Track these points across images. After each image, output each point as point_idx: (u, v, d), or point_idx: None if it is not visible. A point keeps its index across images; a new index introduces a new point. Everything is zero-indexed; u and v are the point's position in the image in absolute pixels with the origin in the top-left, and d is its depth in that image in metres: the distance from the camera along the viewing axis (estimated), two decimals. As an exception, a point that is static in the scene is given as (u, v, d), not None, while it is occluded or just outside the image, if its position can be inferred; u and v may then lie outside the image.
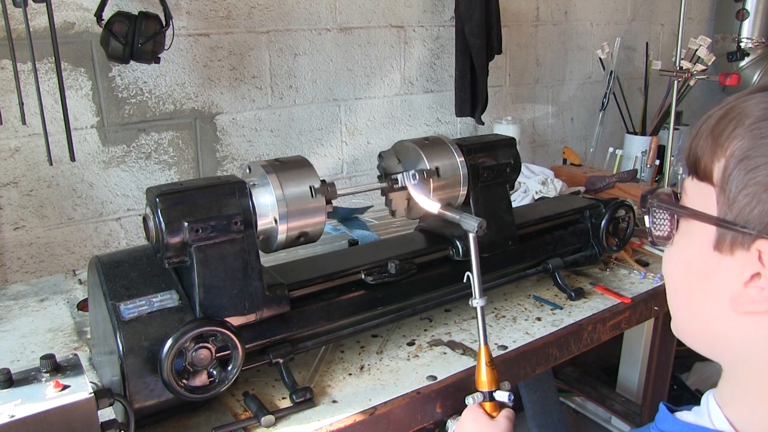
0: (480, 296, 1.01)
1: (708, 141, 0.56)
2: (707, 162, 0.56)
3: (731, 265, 0.55)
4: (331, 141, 1.98)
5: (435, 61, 2.15)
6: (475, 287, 1.01)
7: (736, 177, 0.53)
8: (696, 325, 0.61)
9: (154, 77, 1.63)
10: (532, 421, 2.04)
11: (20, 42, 1.31)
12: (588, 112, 2.73)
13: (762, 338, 0.55)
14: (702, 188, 0.57)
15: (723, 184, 0.54)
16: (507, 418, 0.96)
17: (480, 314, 1.01)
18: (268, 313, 1.04)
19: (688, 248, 0.60)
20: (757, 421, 0.57)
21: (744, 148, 0.53)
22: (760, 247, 0.52)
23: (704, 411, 0.61)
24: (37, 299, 1.43)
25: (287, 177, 1.06)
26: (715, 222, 0.55)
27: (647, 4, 2.83)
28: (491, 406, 0.98)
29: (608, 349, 1.71)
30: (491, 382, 0.98)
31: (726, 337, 0.58)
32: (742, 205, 0.53)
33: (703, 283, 0.58)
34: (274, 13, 1.78)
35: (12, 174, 1.50)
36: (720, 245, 0.55)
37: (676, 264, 0.63)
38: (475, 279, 1.01)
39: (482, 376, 0.98)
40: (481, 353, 0.99)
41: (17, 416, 0.77)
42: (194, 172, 1.75)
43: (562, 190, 1.91)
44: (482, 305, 1.01)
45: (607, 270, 1.58)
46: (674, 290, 0.64)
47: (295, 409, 1.03)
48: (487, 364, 0.99)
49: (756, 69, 2.97)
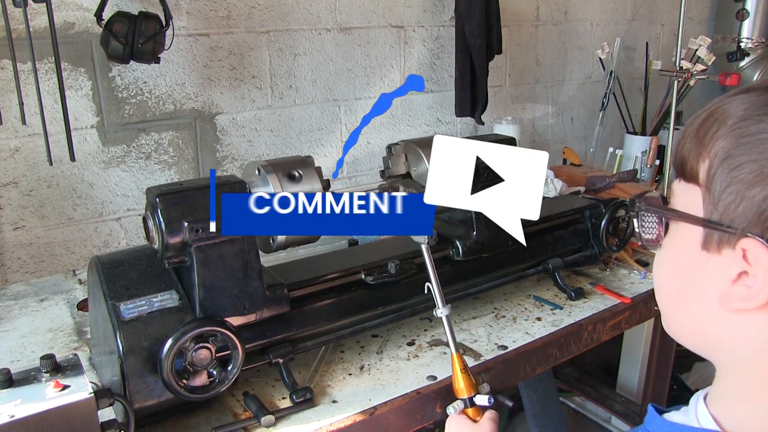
0: (443, 305, 1.00)
1: (693, 143, 0.57)
2: (693, 163, 0.56)
3: (719, 264, 0.55)
4: (331, 141, 1.98)
5: (435, 61, 2.15)
6: (437, 297, 1.00)
7: (719, 176, 0.53)
8: (687, 324, 0.62)
9: (154, 77, 1.63)
10: (532, 421, 2.04)
11: (20, 42, 1.31)
12: (588, 112, 2.73)
13: (750, 335, 0.55)
14: (689, 189, 0.58)
15: (708, 184, 0.55)
16: (490, 420, 0.96)
17: (446, 323, 1.00)
18: (268, 313, 1.04)
19: (676, 249, 0.60)
20: (741, 417, 0.58)
21: (727, 147, 0.53)
22: (744, 246, 0.52)
23: (692, 410, 0.62)
24: (37, 299, 1.43)
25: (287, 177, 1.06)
26: (701, 223, 0.56)
27: (647, 4, 2.83)
28: (473, 411, 0.98)
29: (608, 349, 1.70)
30: (469, 388, 0.98)
31: (716, 336, 0.58)
32: (726, 204, 0.53)
33: (692, 283, 0.59)
34: (274, 13, 1.78)
35: (12, 174, 1.50)
36: (707, 245, 0.56)
37: (666, 265, 0.63)
38: (435, 289, 1.00)
39: (459, 383, 0.98)
40: (454, 361, 0.99)
41: (17, 416, 0.77)
42: (194, 172, 1.75)
43: (562, 190, 1.91)
44: (447, 314, 1.00)
45: (607, 270, 1.58)
46: (664, 292, 0.64)
47: (295, 409, 1.03)
48: (462, 371, 0.98)
49: (756, 69, 2.97)
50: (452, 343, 1.00)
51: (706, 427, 0.59)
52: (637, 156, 2.33)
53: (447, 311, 1.00)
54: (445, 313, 1.00)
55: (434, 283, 1.00)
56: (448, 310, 1.00)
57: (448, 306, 1.01)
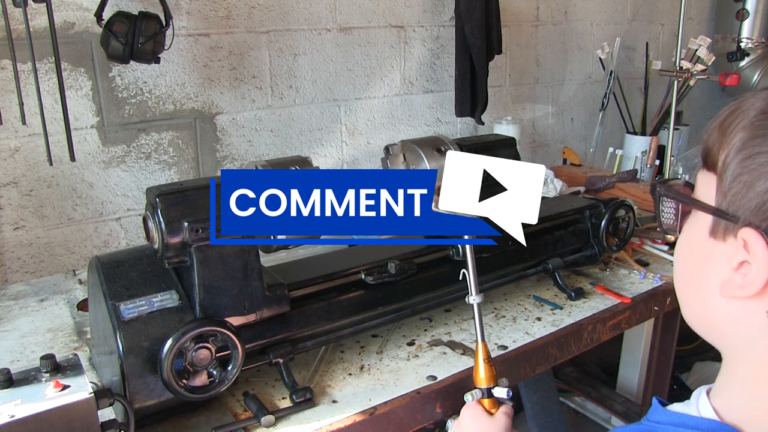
0: (476, 293, 1.01)
1: (717, 133, 0.58)
2: (714, 153, 0.58)
3: (723, 252, 0.57)
4: (331, 141, 1.98)
5: (435, 61, 2.15)
6: (471, 284, 1.01)
7: (732, 165, 0.55)
8: (697, 311, 0.64)
9: (154, 77, 1.63)
10: (532, 421, 2.04)
11: (20, 42, 1.31)
12: (588, 112, 2.73)
13: (749, 324, 0.57)
14: (708, 178, 0.59)
15: (722, 173, 0.56)
16: (506, 414, 0.96)
17: (477, 311, 1.01)
18: (268, 313, 1.04)
19: (690, 236, 0.63)
20: (741, 407, 0.59)
21: (744, 138, 0.55)
22: (744, 236, 0.54)
23: (693, 402, 0.63)
24: (37, 299, 1.43)
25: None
26: (711, 210, 0.58)
27: (647, 4, 2.83)
28: (490, 402, 0.98)
29: (608, 349, 1.71)
30: (489, 379, 0.98)
31: (719, 323, 0.60)
32: (734, 193, 0.55)
33: (700, 269, 0.61)
34: (274, 13, 1.78)
35: (12, 174, 1.50)
36: (715, 232, 0.58)
37: (681, 251, 0.66)
38: (471, 276, 1.01)
39: (480, 372, 0.98)
40: (479, 350, 0.99)
41: (17, 416, 0.77)
42: (194, 172, 1.75)
43: (562, 190, 1.91)
44: (479, 302, 1.01)
45: (607, 270, 1.58)
46: (678, 277, 0.67)
47: (295, 409, 1.03)
48: (485, 361, 0.99)
49: (756, 69, 2.97)
50: (479, 331, 1.00)
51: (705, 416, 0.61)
52: (637, 156, 2.33)
53: (479, 299, 1.01)
54: (477, 301, 1.01)
55: (471, 269, 1.01)
56: (481, 298, 1.01)
57: (481, 294, 1.01)
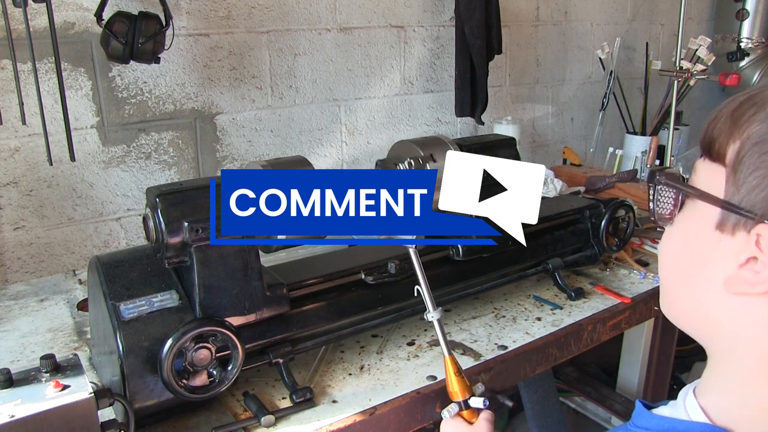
0: (433, 309, 1.00)
1: (727, 123, 0.56)
2: (722, 143, 0.56)
3: (730, 246, 0.55)
4: (331, 141, 1.98)
5: (435, 61, 2.15)
6: (427, 301, 1.00)
7: (749, 159, 0.53)
8: (688, 305, 0.62)
9: (154, 77, 1.63)
10: (532, 421, 2.04)
11: (20, 42, 1.31)
12: (588, 112, 2.73)
13: (750, 320, 0.55)
14: (712, 169, 0.57)
15: (735, 165, 0.54)
16: (486, 420, 0.96)
17: (438, 326, 1.00)
18: (268, 313, 1.04)
19: (689, 227, 0.60)
20: (732, 407, 0.57)
21: (762, 132, 0.53)
22: (759, 231, 0.52)
23: (680, 404, 0.61)
24: (37, 299, 1.43)
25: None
26: (720, 203, 0.55)
27: (647, 4, 2.83)
28: (469, 413, 0.98)
29: (608, 349, 1.70)
30: (464, 391, 0.98)
31: (715, 318, 0.58)
32: (750, 187, 0.53)
33: (699, 262, 0.59)
34: (274, 13, 1.78)
35: (12, 174, 1.50)
36: (722, 226, 0.55)
37: (674, 242, 0.63)
38: (425, 292, 1.00)
39: (453, 386, 0.98)
40: (447, 364, 0.99)
41: (17, 416, 0.77)
42: (194, 172, 1.75)
43: (562, 190, 1.91)
44: (438, 318, 1.00)
45: (607, 270, 1.58)
46: (668, 268, 0.64)
47: (295, 409, 1.03)
48: (455, 374, 0.98)
49: (756, 69, 2.97)
50: (444, 345, 0.99)
51: (695, 419, 0.59)
52: (637, 156, 2.33)
53: (438, 315, 1.00)
54: (436, 317, 1.00)
55: (423, 286, 1.00)
56: (439, 314, 1.00)
57: (439, 309, 1.00)
